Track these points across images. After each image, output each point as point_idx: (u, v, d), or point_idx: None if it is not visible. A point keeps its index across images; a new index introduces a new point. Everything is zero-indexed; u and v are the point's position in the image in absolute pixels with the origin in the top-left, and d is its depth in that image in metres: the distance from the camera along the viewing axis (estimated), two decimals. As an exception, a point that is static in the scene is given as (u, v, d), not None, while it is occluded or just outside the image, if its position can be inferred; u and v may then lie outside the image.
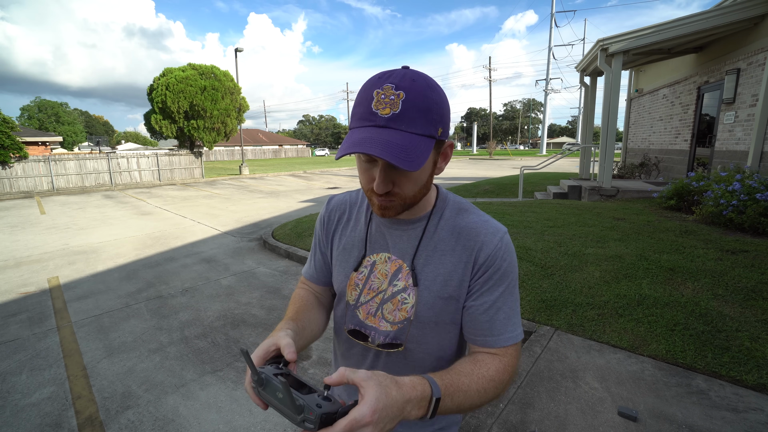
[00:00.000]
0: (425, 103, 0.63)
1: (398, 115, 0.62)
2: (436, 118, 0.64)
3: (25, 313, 3.76)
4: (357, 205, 0.89)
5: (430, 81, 0.65)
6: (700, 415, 2.04)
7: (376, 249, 0.82)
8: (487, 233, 0.75)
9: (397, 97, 0.62)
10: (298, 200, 11.06)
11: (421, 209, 0.79)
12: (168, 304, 3.91)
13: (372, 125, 0.64)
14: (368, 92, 0.64)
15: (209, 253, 5.70)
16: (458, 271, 0.75)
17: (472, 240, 0.75)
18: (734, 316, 2.81)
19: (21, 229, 7.82)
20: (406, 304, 0.77)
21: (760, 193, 4.80)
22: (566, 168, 18.88)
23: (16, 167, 14.35)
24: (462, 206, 0.81)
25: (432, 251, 0.77)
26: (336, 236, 0.89)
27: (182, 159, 18.65)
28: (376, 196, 0.70)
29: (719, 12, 6.57)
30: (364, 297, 0.82)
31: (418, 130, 0.63)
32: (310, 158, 45.20)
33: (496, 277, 0.73)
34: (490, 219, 0.78)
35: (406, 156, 0.60)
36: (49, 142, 21.27)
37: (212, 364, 2.78)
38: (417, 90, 0.63)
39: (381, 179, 0.66)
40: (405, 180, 0.68)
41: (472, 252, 0.74)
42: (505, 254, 0.74)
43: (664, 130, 10.15)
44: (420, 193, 0.72)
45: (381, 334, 0.80)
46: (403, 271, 0.78)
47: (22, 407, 2.36)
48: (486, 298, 0.73)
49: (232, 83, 19.22)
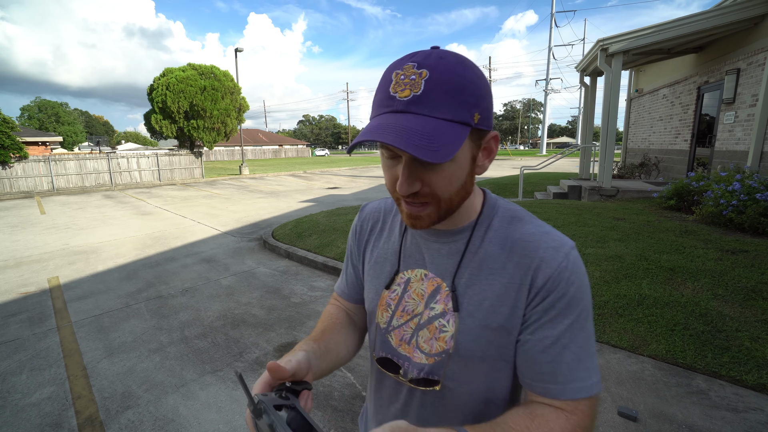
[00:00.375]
0: (455, 82, 0.51)
1: (419, 97, 0.50)
2: (471, 101, 0.52)
3: (25, 313, 3.76)
4: (392, 213, 0.77)
5: (462, 58, 0.53)
6: (700, 415, 2.04)
7: (410, 264, 0.69)
8: (548, 248, 0.59)
9: (419, 76, 0.51)
10: (298, 200, 11.06)
11: (464, 218, 0.65)
12: (168, 304, 3.91)
13: (389, 111, 0.53)
14: (388, 75, 0.54)
15: (209, 253, 5.70)
16: (510, 295, 0.59)
17: (528, 256, 0.59)
18: (734, 316, 2.81)
19: (21, 229, 7.82)
20: (444, 332, 0.63)
21: (760, 193, 4.80)
22: (566, 168, 18.88)
23: (16, 167, 14.36)
24: (516, 214, 0.65)
25: (477, 269, 0.62)
26: (368, 248, 0.78)
27: (182, 159, 18.65)
28: (404, 202, 0.59)
29: (719, 12, 6.57)
30: (397, 320, 0.69)
31: (445, 114, 0.50)
32: (310, 158, 45.21)
33: (560, 306, 0.57)
34: (552, 230, 0.62)
35: (428, 144, 0.48)
36: (49, 142, 21.27)
37: (212, 364, 2.78)
38: (444, 67, 0.51)
39: (404, 177, 0.54)
40: (436, 178, 0.55)
41: (528, 271, 0.59)
42: (573, 276, 0.57)
43: (664, 130, 10.15)
44: (458, 197, 0.58)
45: (415, 367, 0.66)
46: (442, 292, 0.64)
47: (22, 407, 2.36)
48: (547, 332, 0.57)
49: (232, 83, 19.22)
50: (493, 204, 0.67)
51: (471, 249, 0.63)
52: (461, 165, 0.56)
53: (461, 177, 0.57)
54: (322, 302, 3.87)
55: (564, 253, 0.58)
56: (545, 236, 0.60)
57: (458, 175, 0.56)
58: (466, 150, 0.55)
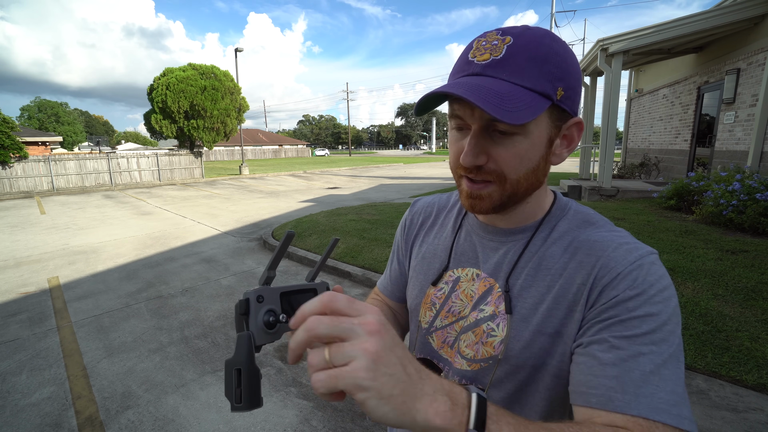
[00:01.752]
0: (541, 51, 0.47)
1: (499, 61, 0.47)
2: (556, 73, 0.47)
3: (25, 313, 3.76)
4: (446, 209, 0.73)
5: (552, 33, 0.49)
6: (700, 415, 2.04)
7: (462, 263, 0.64)
8: (619, 247, 0.50)
9: (501, 42, 0.48)
10: (298, 200, 11.06)
11: (528, 216, 0.58)
12: (168, 304, 3.91)
13: (464, 75, 0.50)
14: (470, 44, 0.51)
15: (209, 253, 5.70)
16: (567, 297, 0.51)
17: (593, 255, 0.51)
18: (734, 316, 2.81)
19: (21, 229, 7.82)
20: (493, 336, 0.56)
21: (760, 193, 4.80)
22: (566, 168, 18.88)
23: (16, 167, 14.35)
24: (589, 218, 0.57)
25: (535, 269, 0.55)
26: (417, 243, 0.73)
27: (182, 159, 18.65)
28: (465, 179, 0.54)
29: (719, 12, 6.57)
30: (441, 321, 0.63)
31: (525, 81, 0.46)
32: (310, 158, 45.22)
33: (633, 306, 0.45)
34: (630, 237, 0.53)
35: (501, 102, 0.44)
36: (49, 142, 21.27)
37: (212, 364, 2.78)
38: (531, 36, 0.47)
39: (471, 146, 0.49)
40: (505, 153, 0.49)
41: (592, 270, 0.50)
42: (650, 276, 0.47)
43: (664, 130, 10.15)
44: (526, 180, 0.52)
45: (456, 373, 0.60)
46: (494, 293, 0.58)
47: (22, 407, 2.36)
48: (615, 332, 0.45)
49: (232, 83, 19.23)
50: (563, 205, 0.60)
51: (531, 249, 0.57)
52: (535, 144, 0.50)
53: (533, 158, 0.51)
54: (322, 302, 3.87)
55: (639, 254, 0.49)
56: (619, 238, 0.52)
57: (530, 155, 0.50)
58: (543, 128, 0.50)
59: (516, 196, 0.53)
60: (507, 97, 0.45)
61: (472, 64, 0.49)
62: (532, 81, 0.47)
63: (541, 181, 0.55)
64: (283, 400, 2.38)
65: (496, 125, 0.49)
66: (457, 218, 0.69)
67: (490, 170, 0.51)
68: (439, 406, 0.33)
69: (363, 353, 0.30)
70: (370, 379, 0.30)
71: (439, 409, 0.32)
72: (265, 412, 2.28)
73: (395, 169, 23.44)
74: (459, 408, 0.34)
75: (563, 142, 0.54)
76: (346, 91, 64.64)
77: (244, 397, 0.34)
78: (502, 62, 0.47)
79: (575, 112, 0.52)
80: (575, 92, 0.50)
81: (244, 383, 0.34)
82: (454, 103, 0.50)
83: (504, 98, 0.45)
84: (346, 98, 65.45)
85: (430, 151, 66.28)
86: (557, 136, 0.52)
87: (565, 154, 0.55)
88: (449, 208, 0.72)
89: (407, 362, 0.33)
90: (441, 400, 0.33)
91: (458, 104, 0.50)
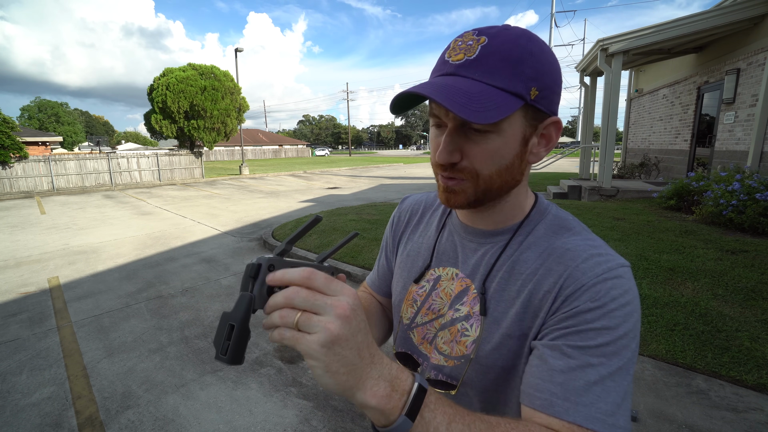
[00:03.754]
0: (514, 52, 0.47)
1: (472, 62, 0.48)
2: (529, 73, 0.47)
3: (25, 313, 3.76)
4: (433, 207, 0.74)
5: (530, 33, 0.50)
6: (700, 415, 2.04)
7: (443, 262, 0.66)
8: (590, 258, 0.50)
9: (476, 42, 0.48)
10: (298, 200, 11.06)
11: (507, 218, 0.59)
12: (168, 304, 3.91)
13: (438, 75, 0.51)
14: (448, 45, 0.52)
15: (209, 253, 5.70)
16: (533, 302, 0.53)
17: (562, 263, 0.52)
18: (734, 316, 2.81)
19: (21, 229, 7.82)
20: (466, 336, 0.58)
21: (760, 193, 4.80)
22: (566, 168, 18.88)
23: (17, 167, 14.35)
24: (566, 224, 0.58)
25: (509, 273, 0.56)
26: (403, 240, 0.75)
27: (182, 159, 18.64)
28: (441, 176, 0.55)
29: (719, 12, 6.57)
30: (421, 317, 0.66)
31: (497, 81, 0.47)
32: (310, 158, 45.21)
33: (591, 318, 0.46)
34: (604, 246, 0.53)
35: (468, 101, 0.45)
36: (49, 142, 21.27)
37: (212, 364, 2.78)
38: (506, 37, 0.48)
39: (445, 144, 0.51)
40: (477, 150, 0.51)
41: (559, 278, 0.51)
42: (614, 290, 0.47)
43: (664, 130, 10.15)
44: (499, 178, 0.53)
45: (432, 368, 0.63)
46: (470, 294, 0.59)
47: (22, 407, 2.36)
48: (570, 341, 0.47)
49: (232, 83, 19.22)
50: (543, 210, 0.60)
51: (507, 252, 0.58)
52: (508, 142, 0.51)
53: (506, 156, 0.52)
54: (322, 302, 3.87)
55: (607, 266, 0.49)
56: (591, 248, 0.52)
57: (503, 153, 0.51)
58: (517, 127, 0.50)
59: (490, 192, 0.54)
60: (476, 97, 0.45)
61: (447, 64, 0.50)
62: (505, 81, 0.47)
63: (517, 180, 0.55)
64: (283, 400, 2.38)
65: (471, 124, 0.49)
66: (442, 217, 0.70)
67: (464, 167, 0.52)
68: (379, 389, 0.37)
69: (325, 331, 0.35)
70: (322, 354, 0.35)
71: (378, 393, 0.37)
72: (265, 412, 2.28)
73: (395, 169, 23.43)
74: (397, 394, 0.38)
75: (541, 140, 0.54)
76: (346, 91, 64.63)
77: (230, 351, 0.37)
78: (474, 63, 0.48)
79: (553, 112, 0.52)
80: (551, 92, 0.50)
81: (234, 339, 0.37)
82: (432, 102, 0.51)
83: (472, 98, 0.45)
84: (346, 98, 65.46)
85: (431, 151, 66.27)
86: (533, 135, 0.53)
87: (543, 153, 0.55)
88: (436, 206, 0.74)
89: (363, 347, 0.37)
90: (382, 385, 0.38)
91: (435, 103, 0.51)
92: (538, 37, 0.50)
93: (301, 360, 2.82)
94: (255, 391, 2.48)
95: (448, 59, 0.50)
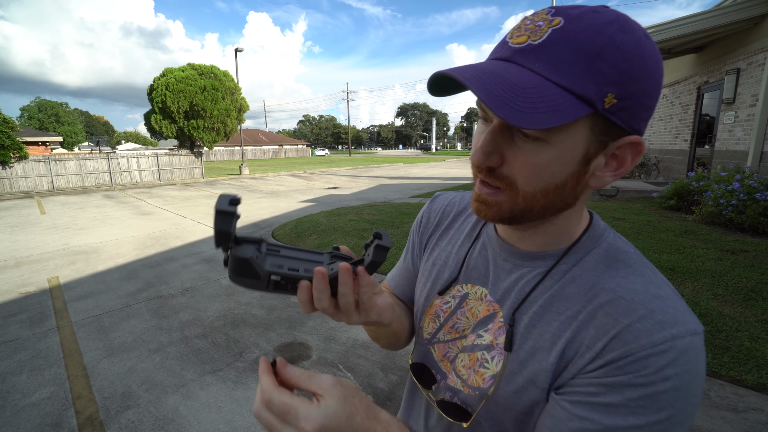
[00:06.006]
0: (595, 43, 0.36)
1: (535, 48, 0.38)
2: (609, 74, 0.36)
3: (25, 313, 3.76)
4: (466, 212, 0.65)
5: (626, 21, 0.38)
6: (700, 414, 2.04)
7: (472, 278, 0.57)
8: (649, 317, 0.39)
9: (547, 23, 0.38)
10: (298, 200, 11.06)
11: (552, 242, 0.50)
12: (168, 304, 3.91)
13: (492, 58, 0.42)
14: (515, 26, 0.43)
15: (209, 253, 5.70)
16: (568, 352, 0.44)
17: (613, 317, 0.41)
18: (734, 316, 2.81)
19: (21, 229, 7.82)
20: (485, 368, 0.51)
21: (760, 193, 4.80)
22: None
23: (16, 167, 14.35)
24: (622, 256, 0.47)
25: (544, 309, 0.47)
26: (430, 244, 0.67)
27: (182, 159, 18.65)
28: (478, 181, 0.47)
29: (719, 12, 6.57)
30: (444, 334, 0.58)
31: (561, 78, 0.37)
32: (310, 158, 45.22)
33: (632, 395, 0.38)
34: (672, 296, 0.42)
35: (512, 96, 0.36)
36: (49, 142, 21.28)
37: (212, 364, 2.78)
38: (589, 21, 0.37)
39: (484, 142, 0.42)
40: (520, 158, 0.41)
41: (604, 335, 0.41)
42: (672, 369, 0.37)
43: (664, 130, 10.15)
44: (543, 197, 0.43)
45: (448, 389, 0.56)
46: (496, 322, 0.52)
47: (22, 407, 2.36)
48: (593, 415, 0.39)
49: (232, 83, 19.23)
50: (597, 235, 0.49)
51: (547, 282, 0.48)
52: (563, 157, 0.40)
53: (557, 174, 0.41)
54: (322, 302, 3.86)
55: (671, 333, 0.38)
56: (652, 300, 0.41)
57: (553, 170, 0.41)
58: (579, 141, 0.40)
59: (530, 212, 0.45)
60: (527, 93, 0.36)
61: (504, 46, 0.41)
62: (571, 79, 0.37)
63: (567, 204, 0.45)
64: (283, 400, 2.38)
65: None
66: (476, 226, 0.61)
67: (502, 175, 0.43)
68: None
69: None
70: None
71: None
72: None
73: (395, 169, 23.43)
74: None
75: (610, 162, 0.43)
76: (346, 91, 64.64)
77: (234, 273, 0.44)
78: (538, 49, 0.38)
79: (634, 129, 0.40)
80: (638, 103, 0.38)
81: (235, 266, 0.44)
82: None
83: (521, 93, 0.36)
84: (346, 98, 65.47)
85: (431, 151, 66.25)
86: (600, 153, 0.41)
87: (609, 179, 0.43)
88: (469, 211, 0.65)
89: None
90: None
91: None
92: (641, 28, 0.38)
93: (299, 360, 2.82)
94: (255, 391, 2.48)
95: (508, 41, 0.41)
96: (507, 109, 0.35)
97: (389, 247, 0.44)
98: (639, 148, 0.42)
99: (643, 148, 0.42)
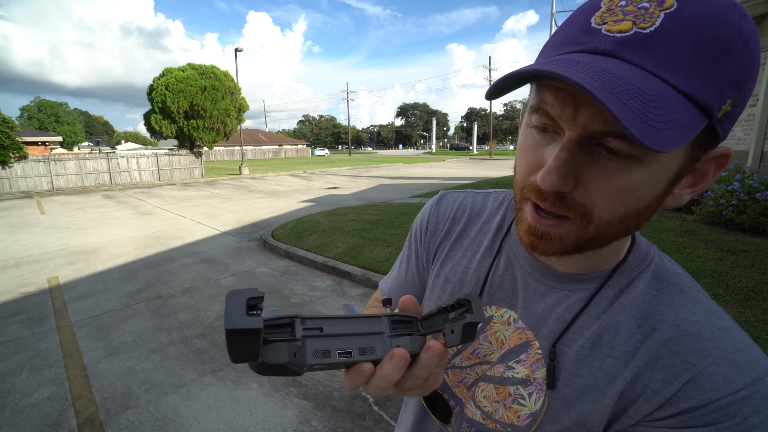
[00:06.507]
0: (720, 34, 0.29)
1: (647, 37, 0.29)
2: (735, 75, 0.29)
3: (25, 313, 3.76)
4: (481, 217, 0.56)
5: (737, 4, 0.30)
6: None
7: (497, 300, 0.49)
8: (724, 358, 0.36)
9: (656, 5, 0.29)
10: (298, 200, 11.06)
11: (596, 262, 0.43)
12: (168, 304, 3.90)
13: (581, 50, 0.32)
14: (592, 3, 0.33)
15: (209, 253, 5.70)
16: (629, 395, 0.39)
17: (681, 356, 0.37)
18: (734, 316, 2.81)
19: (21, 229, 7.81)
20: (521, 405, 0.44)
21: (760, 193, 4.80)
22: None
23: (16, 167, 14.35)
24: (674, 280, 0.42)
25: (593, 343, 0.41)
26: (439, 255, 0.57)
27: (182, 159, 18.65)
28: (531, 206, 0.38)
29: (719, 12, 6.57)
30: (461, 360, 0.51)
31: (681, 80, 0.29)
32: (310, 158, 45.23)
33: None
34: (732, 326, 0.38)
35: (644, 108, 0.28)
36: (49, 142, 21.27)
37: (212, 364, 2.78)
38: (709, 5, 0.29)
39: (558, 162, 0.33)
40: (603, 182, 0.33)
41: (676, 377, 0.37)
42: (761, 419, 0.33)
43: (664, 130, 10.16)
44: (620, 224, 0.36)
45: (465, 420, 0.48)
46: (531, 353, 0.45)
47: (22, 407, 2.36)
48: None
49: (232, 83, 19.23)
50: (643, 254, 0.44)
51: (592, 310, 0.42)
52: (655, 177, 0.33)
53: (644, 197, 0.34)
54: (321, 302, 3.87)
55: (752, 377, 0.34)
56: (721, 336, 0.37)
57: (641, 193, 0.34)
58: (676, 157, 0.33)
59: (599, 240, 0.37)
60: (655, 103, 0.28)
61: (596, 34, 0.31)
62: (691, 82, 0.29)
63: (639, 227, 0.38)
64: (283, 400, 2.38)
65: (607, 138, 0.32)
66: (496, 237, 0.52)
67: (574, 203, 0.35)
68: None
69: None
70: None
71: None
72: (264, 412, 2.28)
73: (395, 169, 23.44)
74: None
75: (689, 179, 0.36)
76: (346, 91, 64.64)
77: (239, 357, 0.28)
78: (650, 40, 0.29)
79: (724, 133, 0.33)
80: (742, 108, 0.32)
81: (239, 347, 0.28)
82: (547, 92, 0.34)
83: (650, 102, 0.28)
84: (346, 98, 65.47)
85: (430, 151, 66.35)
86: (686, 165, 0.34)
87: (686, 197, 0.37)
88: (485, 217, 0.55)
89: None
90: None
91: (554, 94, 0.33)
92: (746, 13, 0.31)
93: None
94: (255, 391, 2.48)
95: (599, 27, 0.31)
96: (642, 128, 0.27)
97: (480, 322, 0.34)
98: (725, 160, 0.35)
99: (728, 160, 0.36)
